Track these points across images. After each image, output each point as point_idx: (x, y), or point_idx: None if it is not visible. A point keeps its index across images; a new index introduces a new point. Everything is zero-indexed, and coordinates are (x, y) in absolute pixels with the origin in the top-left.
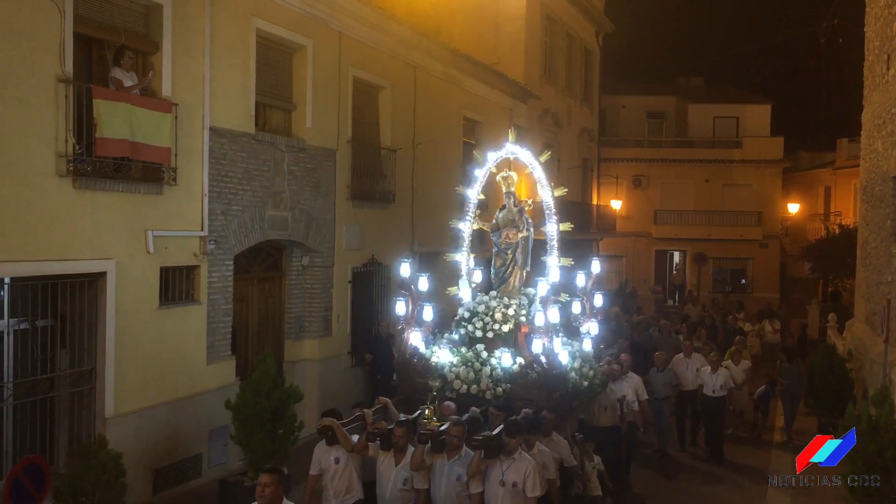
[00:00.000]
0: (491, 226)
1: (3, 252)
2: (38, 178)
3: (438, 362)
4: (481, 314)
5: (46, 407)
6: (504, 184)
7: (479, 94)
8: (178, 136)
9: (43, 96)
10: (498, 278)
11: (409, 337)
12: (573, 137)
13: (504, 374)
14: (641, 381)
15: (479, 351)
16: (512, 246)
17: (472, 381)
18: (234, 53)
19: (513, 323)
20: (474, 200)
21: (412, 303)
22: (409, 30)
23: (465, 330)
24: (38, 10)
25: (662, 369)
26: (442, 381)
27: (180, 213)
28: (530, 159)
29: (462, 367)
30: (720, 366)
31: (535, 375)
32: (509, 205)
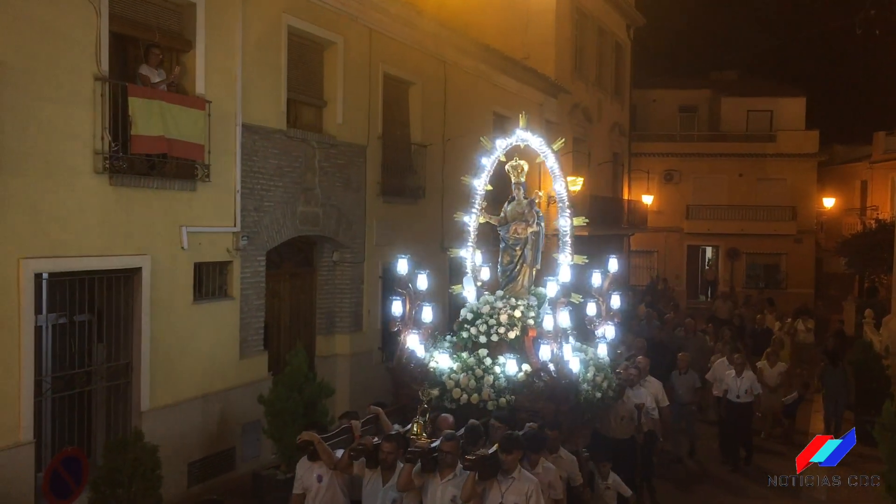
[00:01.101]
0: (499, 219)
1: (42, 248)
2: (75, 176)
3: (437, 368)
4: (485, 316)
5: (84, 400)
6: (513, 173)
7: (509, 89)
8: (212, 133)
9: (80, 95)
10: (505, 277)
11: (405, 340)
12: (604, 132)
13: (508, 382)
14: (661, 387)
15: (482, 357)
16: (521, 242)
17: (473, 389)
18: (265, 51)
19: (520, 326)
20: (481, 192)
21: (410, 303)
22: (439, 25)
23: (467, 333)
24: (75, 9)
25: (685, 371)
26: (440, 389)
27: (213, 209)
28: (542, 147)
29: (462, 373)
30: (746, 368)
31: (541, 385)
32: (518, 197)
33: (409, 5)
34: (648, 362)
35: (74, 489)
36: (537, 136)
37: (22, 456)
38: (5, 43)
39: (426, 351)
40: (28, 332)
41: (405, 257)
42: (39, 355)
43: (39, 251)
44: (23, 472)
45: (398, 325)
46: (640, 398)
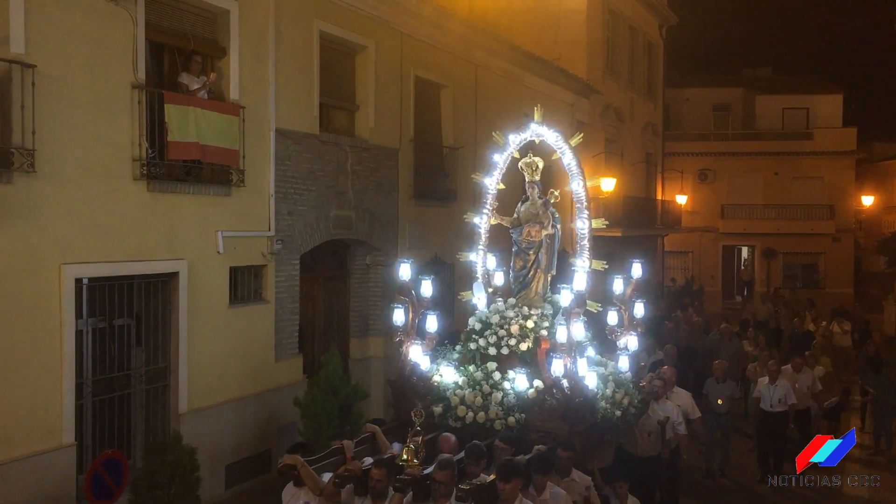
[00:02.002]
0: (511, 220)
1: (81, 254)
2: (115, 182)
3: (441, 382)
4: (495, 326)
5: (124, 403)
6: (527, 171)
7: (541, 90)
8: (246, 139)
9: (118, 102)
10: (518, 283)
11: (408, 351)
12: (637, 132)
13: (518, 400)
14: (690, 398)
15: (490, 371)
16: (534, 245)
17: (480, 407)
18: (298, 56)
19: (532, 338)
20: (493, 191)
21: (413, 311)
22: (470, 28)
23: (475, 344)
24: (113, 18)
25: (722, 380)
26: (444, 406)
27: (248, 213)
28: (559, 142)
29: (468, 389)
30: (780, 376)
31: (554, 403)
32: (532, 196)
33: (440, 8)
34: (675, 373)
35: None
36: (553, 131)
37: (64, 458)
38: (44, 52)
39: (432, 363)
40: (69, 336)
41: (407, 262)
42: (80, 359)
43: (79, 257)
44: (65, 474)
45: (400, 335)
46: (667, 411)
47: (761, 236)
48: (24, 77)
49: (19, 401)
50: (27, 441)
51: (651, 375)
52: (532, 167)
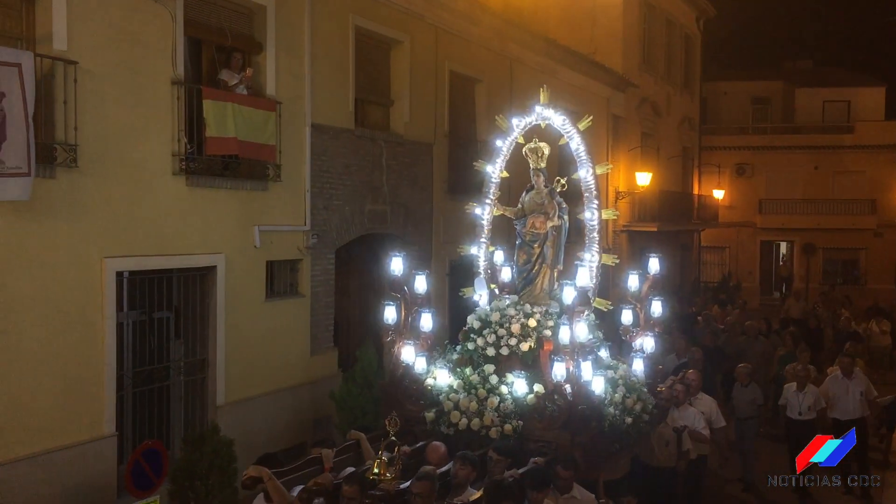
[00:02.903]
0: (515, 211)
1: (122, 248)
2: (155, 177)
3: (435, 386)
4: (494, 325)
5: (163, 395)
6: (531, 157)
7: (576, 84)
8: (282, 134)
9: (158, 98)
10: (522, 279)
11: (400, 351)
12: (673, 126)
13: (516, 405)
14: (715, 405)
15: (487, 374)
16: (539, 238)
17: (474, 413)
18: (333, 51)
19: (534, 338)
20: (496, 179)
21: (406, 308)
22: (504, 21)
23: (473, 344)
24: (152, 16)
25: (747, 384)
26: (437, 412)
27: (284, 208)
28: (566, 126)
29: (463, 393)
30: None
31: (555, 410)
32: (538, 185)
33: (474, 2)
34: (700, 377)
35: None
36: (560, 114)
37: (105, 448)
38: (86, 49)
39: (428, 364)
40: (110, 328)
41: (399, 255)
42: (121, 351)
43: (120, 251)
44: (106, 464)
45: (391, 335)
46: (689, 419)
47: (800, 231)
48: (67, 74)
49: (63, 391)
50: (70, 431)
51: (672, 379)
52: (537, 153)
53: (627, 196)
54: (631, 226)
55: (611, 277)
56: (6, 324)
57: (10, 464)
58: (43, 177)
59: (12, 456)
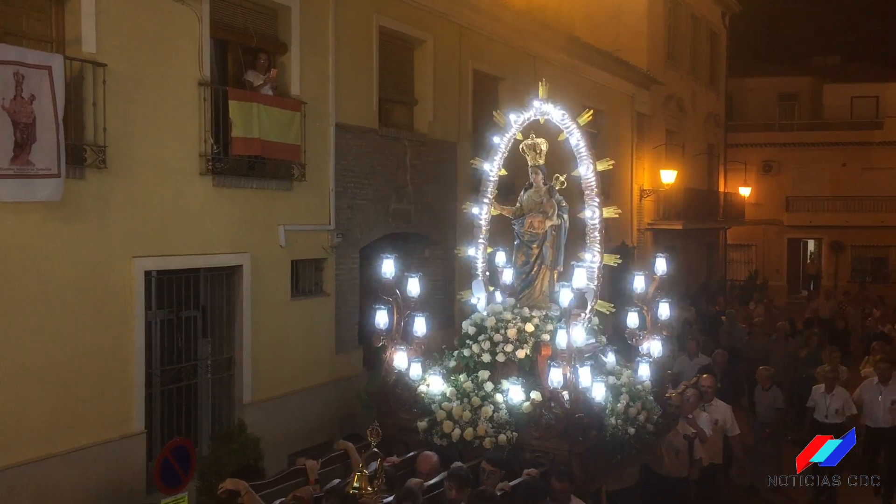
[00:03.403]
0: (513, 210)
1: (151, 247)
2: (182, 177)
3: (428, 393)
4: (490, 330)
5: (191, 393)
6: (529, 154)
7: (600, 82)
8: (307, 134)
9: (185, 100)
10: (520, 281)
11: (391, 357)
12: (698, 123)
13: (511, 414)
14: (731, 411)
15: (482, 381)
16: (538, 238)
17: (468, 422)
18: (358, 51)
19: (531, 343)
20: (493, 177)
21: (398, 312)
22: (528, 19)
23: (468, 351)
24: (179, 18)
25: (768, 388)
26: (429, 421)
27: (309, 207)
28: (566, 121)
29: (456, 401)
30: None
31: (551, 419)
32: (537, 183)
33: (497, 0)
34: (714, 382)
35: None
36: (559, 109)
37: (134, 445)
38: (114, 51)
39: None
40: (139, 327)
41: (391, 257)
42: (150, 350)
43: (149, 250)
44: (135, 461)
45: (383, 340)
46: (702, 425)
47: (828, 229)
48: (96, 76)
49: (93, 389)
50: (100, 428)
51: (685, 384)
52: (535, 149)
53: (652, 194)
54: (656, 224)
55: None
56: (38, 323)
57: (42, 461)
58: (73, 178)
59: (44, 453)
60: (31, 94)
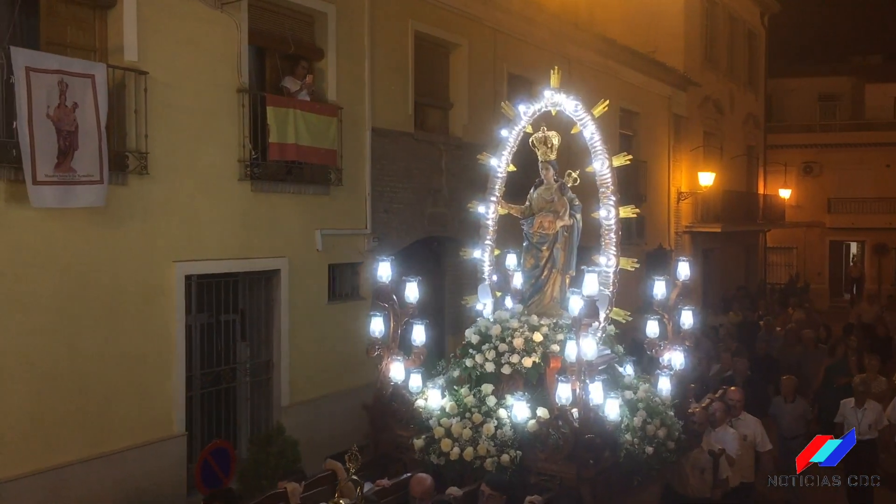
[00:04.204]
0: (522, 209)
1: (191, 252)
2: (221, 183)
3: (426, 408)
4: (495, 339)
5: (230, 395)
6: (539, 149)
7: (636, 84)
8: (343, 138)
9: (224, 106)
10: (529, 286)
11: (387, 368)
12: (737, 125)
13: (515, 432)
14: (760, 426)
15: (485, 395)
16: (548, 240)
17: (468, 441)
18: (393, 56)
19: (539, 353)
20: (501, 173)
21: (394, 319)
22: (562, 22)
23: (471, 361)
24: (218, 25)
25: (793, 399)
26: (426, 439)
27: (346, 212)
28: (578, 112)
29: (456, 418)
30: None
31: (559, 439)
32: (547, 179)
33: (531, 3)
34: (742, 395)
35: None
36: (572, 99)
37: (175, 447)
38: (155, 59)
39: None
40: (180, 331)
41: (387, 260)
42: (190, 353)
43: (189, 255)
44: (176, 463)
45: (378, 349)
46: (727, 441)
47: (871, 231)
48: (138, 83)
49: (136, 391)
50: (142, 430)
51: (710, 397)
52: (546, 143)
53: (690, 196)
54: (694, 226)
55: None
56: (82, 327)
57: (86, 462)
58: (116, 184)
59: (88, 454)
60: (74, 103)
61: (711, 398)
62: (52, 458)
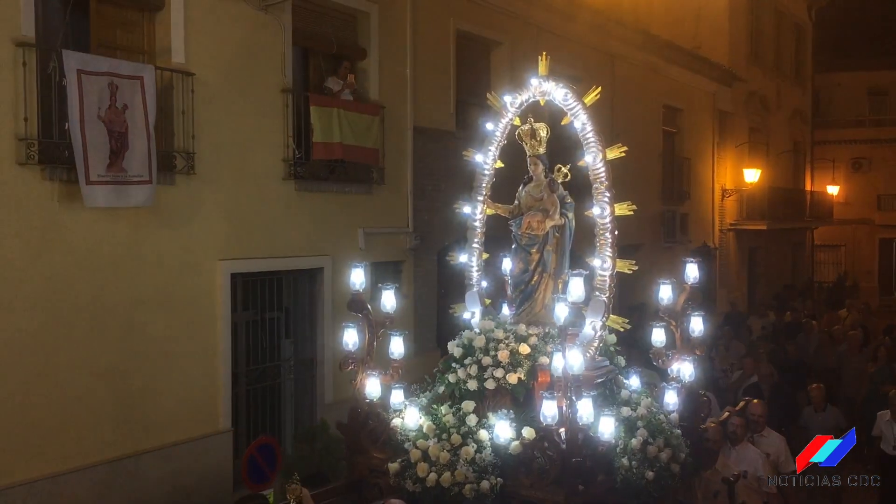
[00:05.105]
0: (511, 209)
1: (237, 251)
2: (265, 182)
3: (403, 427)
4: (479, 351)
5: (275, 392)
6: (527, 142)
7: (680, 80)
8: (385, 138)
9: (269, 106)
10: (519, 292)
11: (362, 384)
12: (783, 120)
13: (496, 456)
14: (784, 443)
15: (465, 413)
16: (537, 241)
17: (445, 465)
18: (435, 55)
19: (525, 367)
20: (489, 170)
21: (369, 330)
22: (604, 18)
23: (454, 376)
24: (263, 27)
25: (824, 409)
26: (402, 462)
27: (388, 210)
28: (568, 101)
29: (433, 439)
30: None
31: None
32: (536, 175)
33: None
34: (765, 409)
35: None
36: (562, 87)
37: (222, 443)
38: (202, 61)
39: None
40: (226, 328)
41: (360, 266)
42: (235, 350)
43: (234, 253)
44: (222, 458)
45: (351, 364)
46: (749, 460)
47: None
48: (185, 85)
49: (184, 388)
50: (190, 426)
51: (729, 410)
52: (534, 136)
53: (735, 193)
54: (739, 224)
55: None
56: (133, 324)
57: (137, 456)
58: (163, 184)
59: (139, 448)
60: (124, 104)
61: (730, 411)
62: (105, 452)
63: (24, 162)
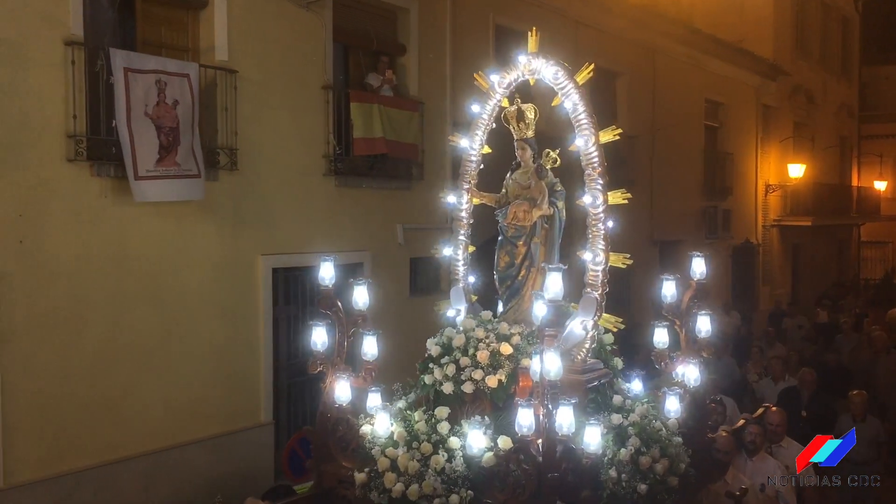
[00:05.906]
0: (497, 198)
1: (277, 246)
2: (306, 178)
3: (372, 435)
4: (458, 351)
5: (315, 386)
6: (513, 125)
7: (723, 74)
8: (424, 133)
9: (310, 103)
10: (505, 288)
11: (332, 387)
12: (829, 115)
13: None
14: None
15: (438, 420)
16: (524, 233)
17: (414, 476)
18: (474, 49)
19: (506, 369)
20: (475, 156)
21: (339, 330)
22: (645, 12)
23: (430, 378)
24: (304, 25)
25: (863, 418)
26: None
27: (427, 206)
28: (559, 79)
29: (402, 447)
30: None
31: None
32: (525, 161)
33: None
34: (784, 417)
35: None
36: (552, 65)
37: (263, 435)
38: (244, 58)
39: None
40: (268, 322)
41: (329, 260)
42: (276, 344)
43: (275, 248)
44: (264, 450)
45: (320, 366)
46: (767, 472)
47: None
48: (228, 82)
49: (225, 381)
50: (232, 418)
51: (745, 418)
52: (522, 119)
53: (778, 189)
54: (783, 220)
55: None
56: (179, 317)
57: (182, 446)
58: (207, 179)
59: (184, 439)
60: (174, 100)
61: (747, 419)
62: (151, 443)
63: (73, 158)
